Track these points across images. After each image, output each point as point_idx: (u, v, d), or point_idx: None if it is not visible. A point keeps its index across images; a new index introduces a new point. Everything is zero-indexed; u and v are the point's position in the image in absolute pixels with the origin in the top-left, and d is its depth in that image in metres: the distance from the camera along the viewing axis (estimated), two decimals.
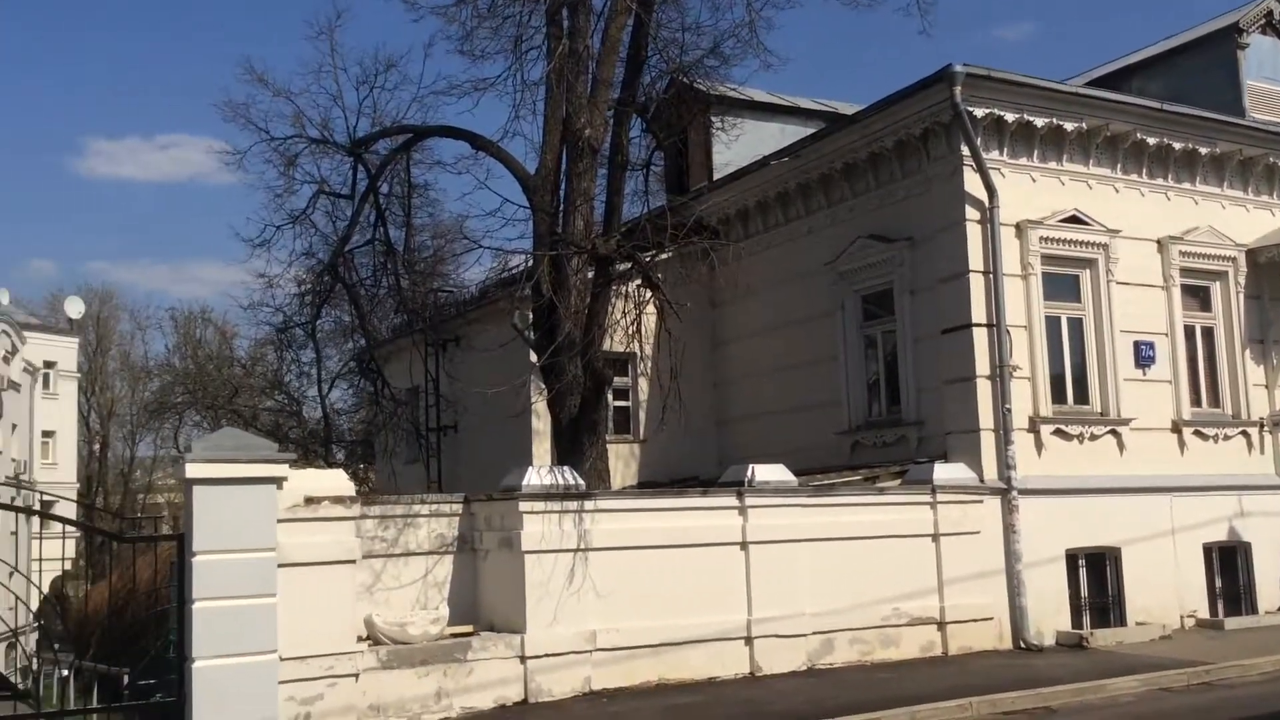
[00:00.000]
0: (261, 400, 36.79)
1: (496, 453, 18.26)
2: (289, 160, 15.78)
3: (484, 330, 18.95)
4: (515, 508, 11.43)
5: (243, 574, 9.12)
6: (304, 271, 17.06)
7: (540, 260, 13.12)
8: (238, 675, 8.96)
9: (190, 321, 57.49)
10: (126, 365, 66.27)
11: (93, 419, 65.19)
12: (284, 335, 17.56)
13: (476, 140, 14.49)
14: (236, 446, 9.42)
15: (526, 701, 11.10)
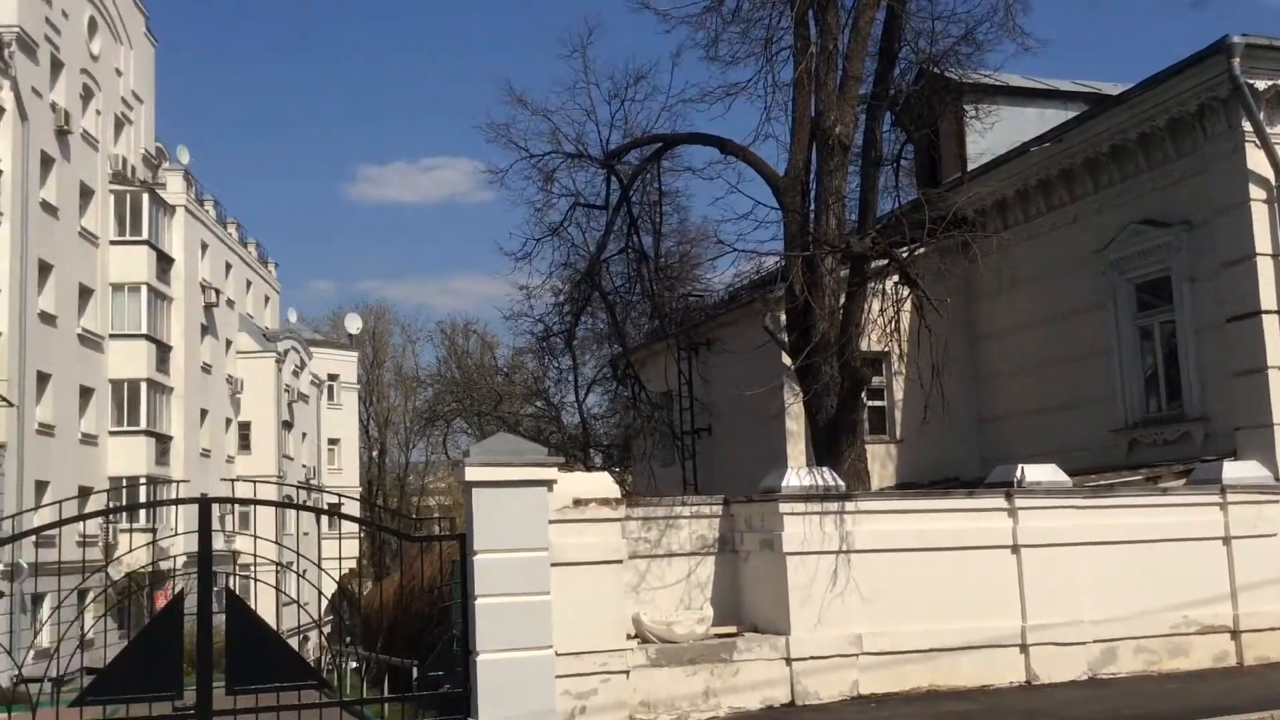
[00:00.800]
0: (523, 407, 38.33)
1: (751, 455, 18.31)
2: (547, 175, 16.37)
3: (736, 333, 19.05)
4: (776, 509, 11.43)
5: (519, 572, 9.52)
6: (562, 282, 17.68)
7: (794, 261, 13.08)
8: (518, 668, 9.35)
9: (455, 333, 60.63)
10: (400, 376, 70.64)
11: (371, 427, 69.77)
12: (545, 344, 18.23)
13: (725, 145, 14.60)
14: (510, 451, 9.84)
15: (793, 704, 11.06)
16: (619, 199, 16.23)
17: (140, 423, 39.24)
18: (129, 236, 40.07)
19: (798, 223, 13.52)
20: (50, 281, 34.55)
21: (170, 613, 9.18)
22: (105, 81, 40.00)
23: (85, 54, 38.37)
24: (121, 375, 39.10)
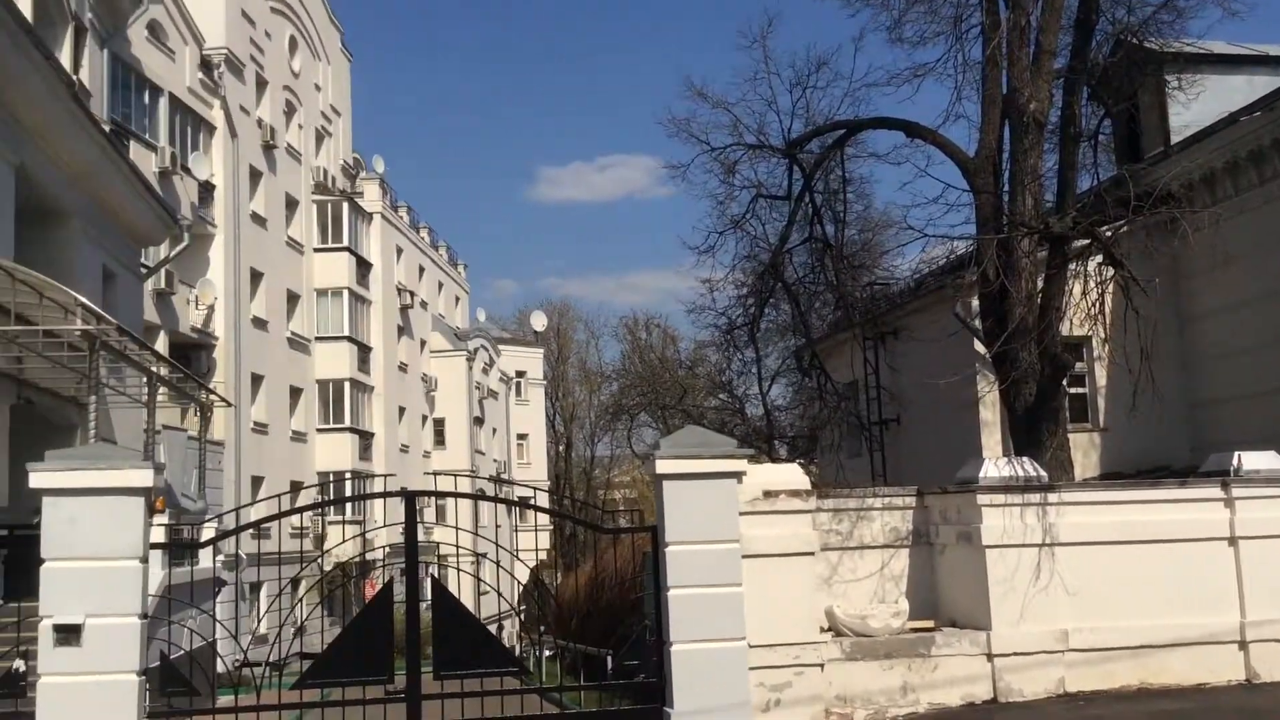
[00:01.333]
0: (706, 400, 38.41)
1: (942, 445, 17.85)
2: (728, 168, 16.35)
3: (925, 321, 18.60)
4: (973, 500, 11.09)
5: (711, 564, 9.54)
6: (744, 274, 17.62)
7: (987, 244, 12.67)
8: (711, 659, 9.37)
9: (637, 328, 61.27)
10: (584, 372, 71.89)
11: (557, 422, 71.17)
12: (728, 337, 18.21)
13: (912, 128, 14.27)
14: (699, 443, 9.87)
15: (995, 700, 10.73)
16: (801, 188, 16.07)
17: (345, 420, 41.21)
18: (331, 244, 42.11)
19: (990, 204, 13.09)
20: (261, 288, 36.63)
21: (379, 601, 9.58)
22: (306, 97, 42.11)
23: (287, 71, 40.48)
24: (327, 375, 41.14)
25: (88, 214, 17.78)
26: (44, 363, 13.63)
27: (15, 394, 14.55)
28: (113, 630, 8.35)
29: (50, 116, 15.33)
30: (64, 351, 13.34)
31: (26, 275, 12.00)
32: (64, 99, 15.43)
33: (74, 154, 16.64)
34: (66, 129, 15.96)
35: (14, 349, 13.00)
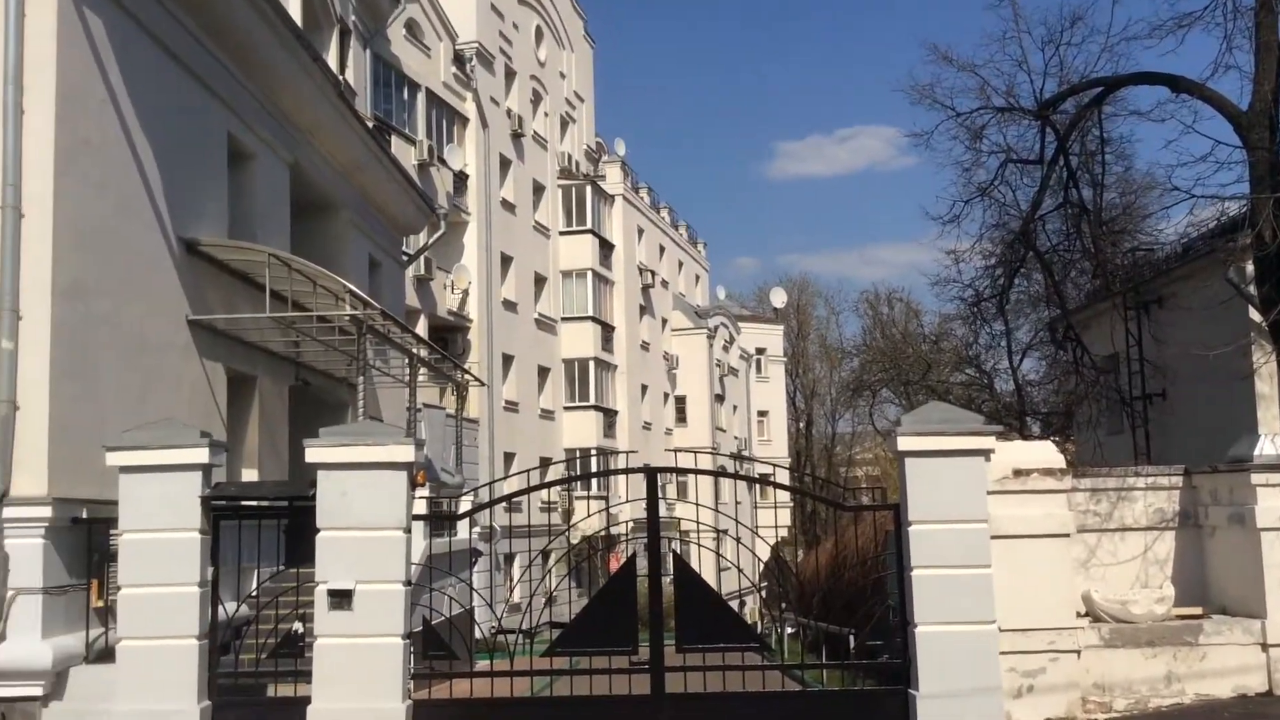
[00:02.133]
0: (952, 375, 37.25)
1: (1213, 421, 16.63)
2: (975, 133, 15.73)
3: (1193, 288, 17.34)
4: (1247, 480, 10.31)
5: (956, 544, 9.27)
6: (993, 243, 16.94)
7: (1263, 204, 11.69)
8: (958, 642, 9.12)
9: (879, 302, 60.01)
10: (824, 348, 71.06)
11: (798, 399, 70.72)
12: (975, 309, 17.55)
13: (1177, 82, 13.31)
14: (943, 419, 9.60)
15: (1271, 693, 9.98)
16: (1055, 151, 15.28)
17: (590, 398, 42.39)
18: (575, 227, 43.32)
19: (1266, 161, 12.07)
20: (511, 272, 38.12)
21: (624, 574, 9.84)
22: (551, 85, 43.42)
23: (534, 61, 41.84)
24: (573, 355, 42.42)
25: (355, 206, 19.00)
26: (318, 346, 14.68)
27: (294, 375, 15.75)
28: (380, 596, 8.94)
29: (320, 116, 16.45)
30: (335, 335, 14.32)
31: (302, 265, 12.94)
32: (332, 99, 16.52)
33: (342, 151, 17.80)
34: (335, 128, 17.08)
35: (292, 334, 14.07)
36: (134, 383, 11.06)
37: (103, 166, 10.65)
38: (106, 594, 9.82)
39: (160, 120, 11.72)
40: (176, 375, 12.14)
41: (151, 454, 9.04)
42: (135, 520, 9.05)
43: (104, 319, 10.56)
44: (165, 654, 8.92)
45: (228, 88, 13.64)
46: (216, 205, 13.32)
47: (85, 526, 9.81)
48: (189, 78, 12.59)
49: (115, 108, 10.89)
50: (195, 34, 12.63)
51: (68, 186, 9.94)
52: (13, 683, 9.23)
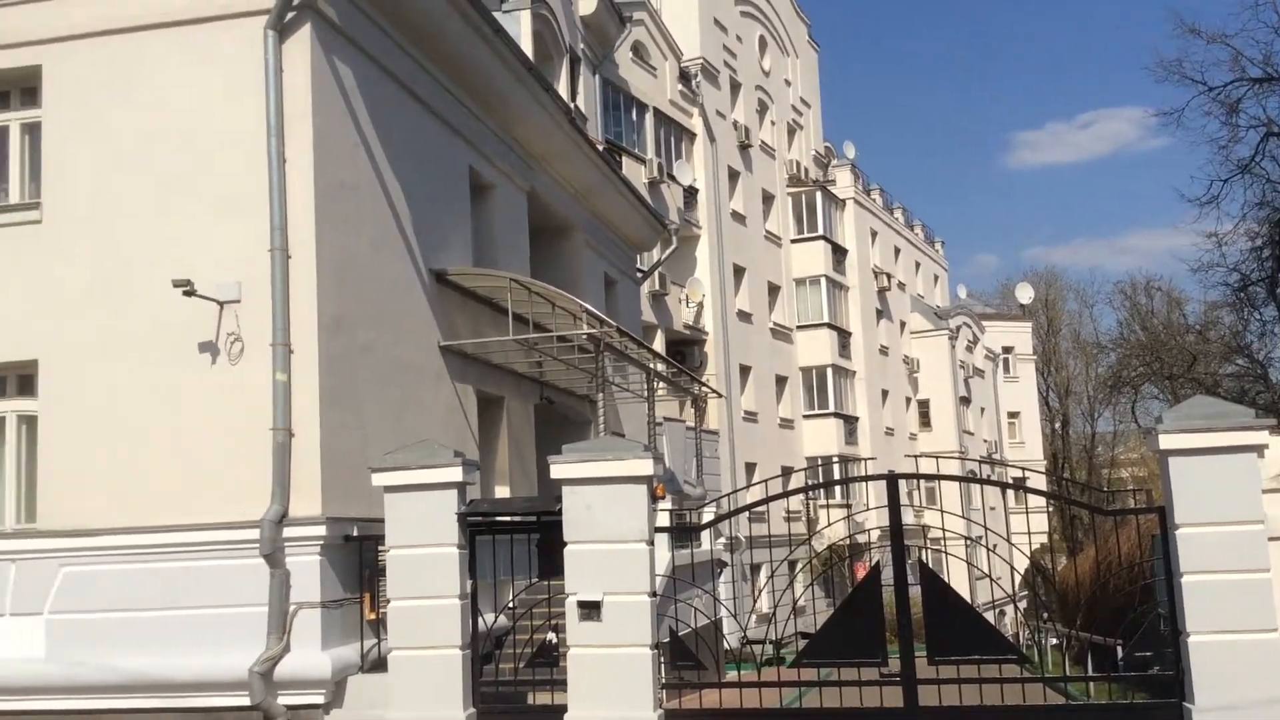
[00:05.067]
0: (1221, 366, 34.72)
1: None
2: (1230, 107, 14.75)
3: None
4: None
5: (1229, 547, 8.63)
6: (1257, 223, 15.76)
7: None
8: (1235, 652, 8.48)
9: (1135, 292, 56.66)
10: (1077, 344, 67.70)
11: (1051, 398, 67.57)
12: (1242, 295, 16.36)
13: None
14: (1209, 415, 8.96)
15: None
16: None
17: (829, 405, 41.93)
18: (806, 234, 43.03)
19: None
20: (744, 282, 38.24)
21: (869, 584, 9.67)
22: (777, 94, 43.35)
23: (758, 71, 41.91)
24: (809, 363, 42.09)
25: (589, 228, 19.56)
26: (559, 365, 15.18)
27: (538, 394, 16.35)
28: (626, 607, 9.13)
29: (554, 144, 17.05)
30: (575, 354, 14.77)
31: (541, 288, 13.43)
32: (564, 127, 17.10)
33: (576, 175, 18.38)
34: (568, 153, 17.66)
35: (535, 354, 14.61)
36: (392, 407, 11.76)
37: (358, 206, 11.40)
38: (378, 607, 10.47)
39: (407, 159, 12.45)
40: (431, 398, 12.82)
41: (411, 474, 9.58)
42: (399, 537, 9.62)
43: (364, 349, 11.28)
44: (432, 663, 9.42)
45: (467, 124, 14.34)
46: (461, 235, 14.01)
47: (356, 544, 10.49)
48: (432, 117, 13.32)
49: (367, 150, 11.64)
50: (436, 75, 13.35)
51: (327, 227, 10.70)
52: (297, 691, 9.95)
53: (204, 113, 10.67)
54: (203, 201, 10.57)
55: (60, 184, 10.90)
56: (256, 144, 10.41)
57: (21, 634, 10.37)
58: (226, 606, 10.05)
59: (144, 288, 10.49)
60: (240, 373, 10.35)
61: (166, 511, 10.26)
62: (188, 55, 10.75)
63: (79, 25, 10.90)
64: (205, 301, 10.31)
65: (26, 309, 10.75)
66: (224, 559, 10.14)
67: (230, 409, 10.29)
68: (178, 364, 10.43)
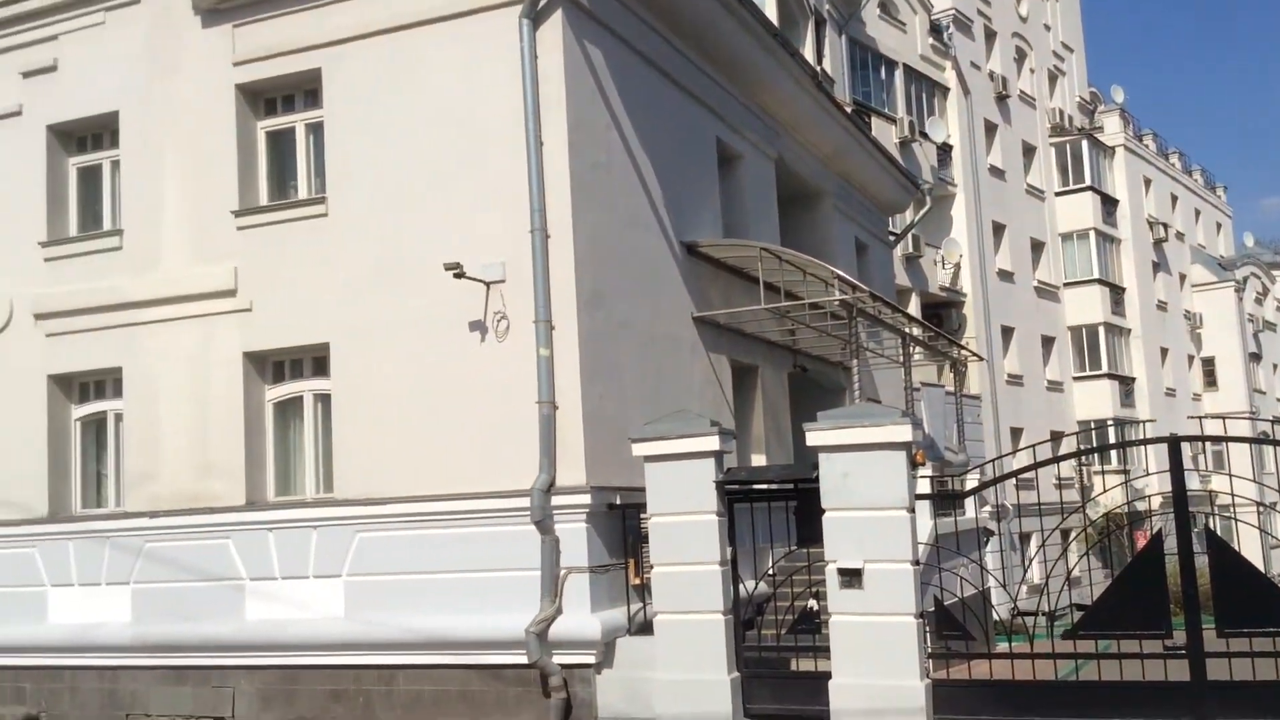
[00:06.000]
0: None
1: None
2: None
3: None
4: None
5: None
6: None
7: None
8: None
9: None
10: None
11: None
12: None
13: None
14: None
15: None
16: None
17: (1101, 366, 39.74)
18: (1072, 185, 40.81)
19: None
20: (1004, 240, 36.71)
21: (1150, 553, 9.17)
22: (1035, 40, 41.23)
23: (1014, 18, 39.97)
24: (1079, 321, 39.99)
25: (838, 192, 19.30)
26: (811, 333, 15.10)
27: (791, 362, 16.32)
28: (888, 575, 9.03)
29: (799, 109, 16.90)
30: (827, 321, 14.64)
31: (792, 256, 13.38)
32: (810, 91, 16.91)
33: (823, 139, 18.16)
34: (814, 118, 17.47)
35: (786, 323, 14.59)
36: (649, 379, 12.04)
37: (611, 185, 11.70)
38: (642, 572, 10.79)
39: (656, 135, 12.66)
40: (686, 369, 13.04)
41: (670, 444, 9.80)
42: (660, 504, 9.86)
43: (621, 323, 11.60)
44: (696, 628, 9.64)
45: (713, 95, 14.42)
46: (710, 207, 14.14)
47: (619, 511, 10.84)
48: (678, 91, 13.48)
49: (618, 129, 11.92)
50: (681, 49, 13.49)
51: (583, 206, 11.04)
52: (570, 651, 10.41)
53: (467, 103, 11.21)
54: (469, 187, 11.13)
55: (342, 178, 11.72)
56: (515, 130, 10.86)
57: (323, 594, 11.31)
58: (502, 570, 10.61)
59: (419, 272, 11.15)
60: (507, 349, 10.86)
61: (446, 481, 10.92)
62: (450, 49, 11.31)
63: (353, 29, 11.66)
64: (474, 282, 10.86)
65: (317, 296, 11.64)
66: (498, 525, 10.70)
67: (499, 384, 10.82)
68: (451, 342, 11.06)
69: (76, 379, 12.90)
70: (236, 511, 11.72)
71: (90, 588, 12.23)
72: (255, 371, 12.04)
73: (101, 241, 12.73)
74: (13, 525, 12.65)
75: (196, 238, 12.20)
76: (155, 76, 12.50)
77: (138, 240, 12.48)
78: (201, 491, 11.89)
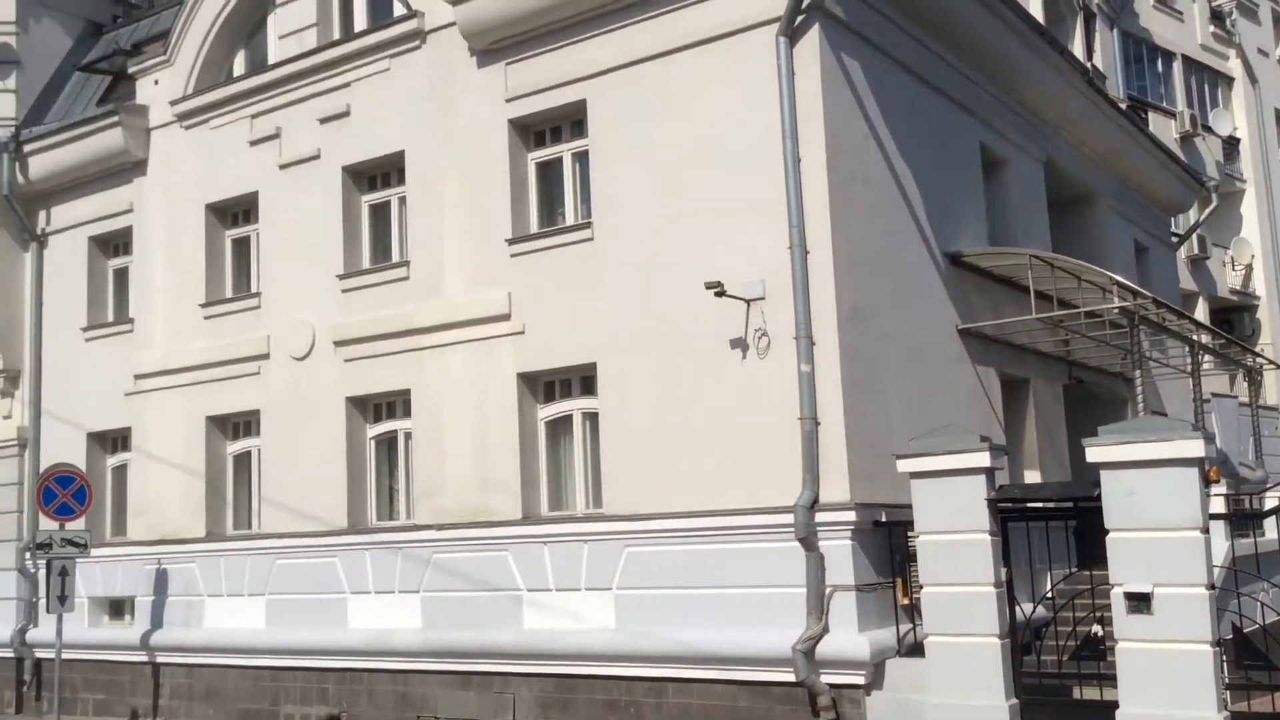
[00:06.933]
0: None
1: None
2: None
3: None
4: None
5: None
6: None
7: None
8: None
9: None
10: None
11: None
12: None
13: None
14: None
15: None
16: None
17: None
18: None
19: None
20: None
21: None
22: None
23: None
24: None
25: (1114, 193, 18.30)
26: (1088, 342, 14.37)
27: (1066, 374, 15.57)
28: (1180, 600, 8.47)
29: (1070, 108, 16.15)
30: (1105, 330, 13.90)
31: (1065, 262, 12.80)
32: (1081, 88, 16.14)
33: (1095, 138, 17.28)
34: (1086, 116, 16.65)
35: (1060, 333, 13.94)
36: (914, 393, 11.79)
37: (870, 197, 11.58)
38: (911, 592, 10.57)
39: (916, 143, 12.43)
40: (952, 383, 12.69)
41: (937, 459, 9.57)
42: (929, 522, 9.64)
43: (883, 336, 11.43)
44: (970, 651, 9.35)
45: (975, 98, 14.01)
46: (974, 215, 13.73)
47: (885, 529, 10.66)
48: (938, 97, 13.18)
49: (876, 140, 11.78)
50: (942, 55, 13.19)
51: (842, 221, 10.97)
52: (837, 671, 10.31)
53: (725, 123, 11.37)
54: (728, 207, 11.28)
55: (607, 203, 12.12)
56: (773, 147, 10.93)
57: (595, 606, 11.69)
58: (766, 586, 10.64)
59: (681, 291, 11.38)
60: (768, 366, 10.92)
61: (708, 497, 11.07)
62: (708, 72, 11.51)
63: (615, 59, 12.06)
64: (734, 300, 10.98)
65: (585, 318, 12.08)
66: (762, 542, 10.74)
67: (760, 400, 10.88)
68: (712, 360, 11.21)
69: (370, 400, 13.88)
70: (513, 525, 12.29)
71: (385, 595, 13.12)
72: (528, 391, 12.60)
73: (391, 272, 13.67)
74: (316, 536, 13.73)
75: (474, 265, 12.91)
76: (435, 116, 13.34)
77: (422, 269, 13.33)
78: (482, 506, 12.54)
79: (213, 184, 15.27)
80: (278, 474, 14.24)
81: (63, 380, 16.70)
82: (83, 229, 16.78)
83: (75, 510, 14.85)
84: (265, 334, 14.48)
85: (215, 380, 14.85)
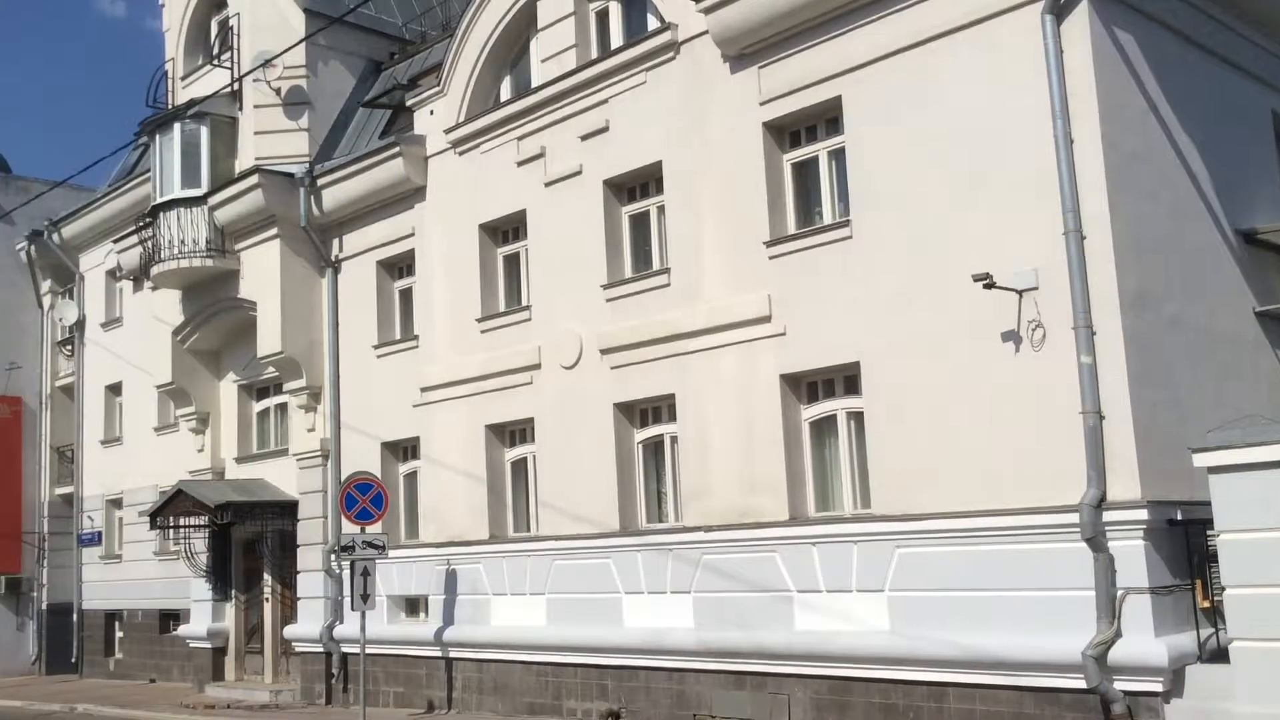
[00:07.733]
0: None
1: None
2: None
3: None
4: None
5: None
6: None
7: None
8: None
9: None
10: None
11: None
12: None
13: None
14: None
15: None
16: None
17: None
18: None
19: None
20: None
21: None
22: None
23: None
24: None
25: None
26: None
27: None
28: None
29: None
30: None
31: None
32: None
33: None
34: None
35: None
36: (1207, 382, 11.01)
37: (1151, 175, 10.90)
38: (1211, 594, 9.86)
39: (1200, 116, 11.62)
40: (1251, 369, 11.78)
41: (1240, 452, 8.90)
42: (1231, 520, 8.97)
43: (1171, 322, 10.73)
44: None
45: (1264, 65, 12.97)
46: (1268, 189, 12.71)
47: (1181, 528, 10.00)
48: (1223, 67, 12.28)
49: (1156, 116, 11.09)
50: (1224, 21, 12.27)
51: (1121, 201, 10.37)
52: (1131, 678, 9.73)
53: (988, 108, 10.99)
54: (994, 194, 10.89)
55: (865, 200, 11.95)
56: (1042, 129, 10.48)
57: (867, 608, 11.52)
58: (1049, 589, 10.18)
59: (946, 285, 11.07)
60: (1043, 358, 10.45)
61: (983, 497, 10.70)
62: (969, 57, 11.16)
63: (871, 52, 11.88)
64: (1004, 292, 10.58)
65: (846, 316, 11.94)
66: (1043, 542, 10.28)
67: (1036, 395, 10.43)
68: (983, 355, 10.84)
69: (637, 406, 14.23)
70: (781, 526, 12.29)
71: (657, 595, 13.41)
72: (791, 392, 12.57)
73: (652, 280, 13.98)
74: (590, 539, 14.20)
75: (733, 269, 13.02)
76: (691, 124, 13.56)
77: (682, 276, 13.57)
78: (748, 507, 12.61)
79: (484, 205, 16.08)
80: (552, 479, 14.83)
81: (358, 394, 17.98)
82: (371, 254, 18.00)
83: (374, 515, 15.88)
84: (536, 345, 15.11)
85: (492, 390, 15.62)
